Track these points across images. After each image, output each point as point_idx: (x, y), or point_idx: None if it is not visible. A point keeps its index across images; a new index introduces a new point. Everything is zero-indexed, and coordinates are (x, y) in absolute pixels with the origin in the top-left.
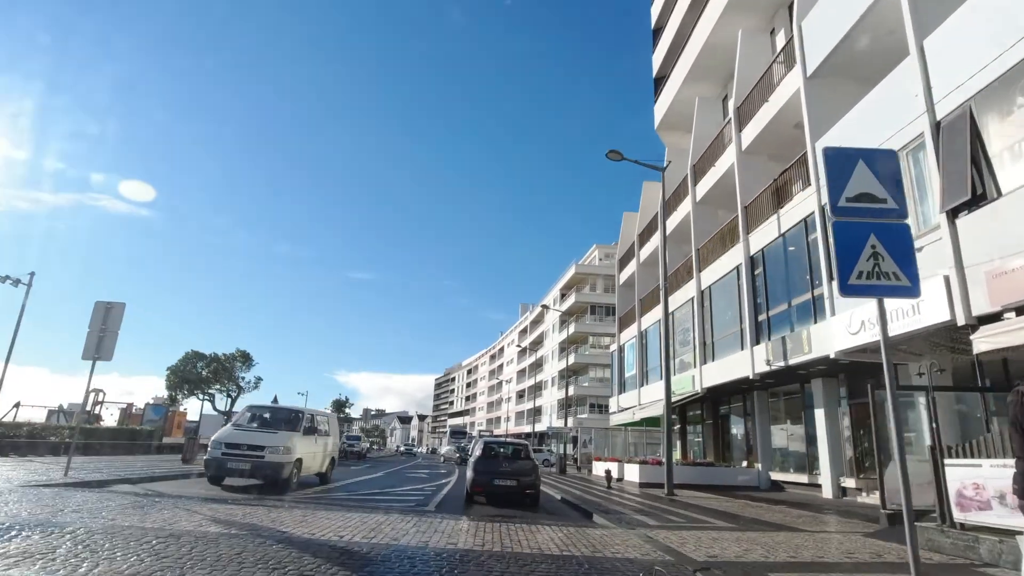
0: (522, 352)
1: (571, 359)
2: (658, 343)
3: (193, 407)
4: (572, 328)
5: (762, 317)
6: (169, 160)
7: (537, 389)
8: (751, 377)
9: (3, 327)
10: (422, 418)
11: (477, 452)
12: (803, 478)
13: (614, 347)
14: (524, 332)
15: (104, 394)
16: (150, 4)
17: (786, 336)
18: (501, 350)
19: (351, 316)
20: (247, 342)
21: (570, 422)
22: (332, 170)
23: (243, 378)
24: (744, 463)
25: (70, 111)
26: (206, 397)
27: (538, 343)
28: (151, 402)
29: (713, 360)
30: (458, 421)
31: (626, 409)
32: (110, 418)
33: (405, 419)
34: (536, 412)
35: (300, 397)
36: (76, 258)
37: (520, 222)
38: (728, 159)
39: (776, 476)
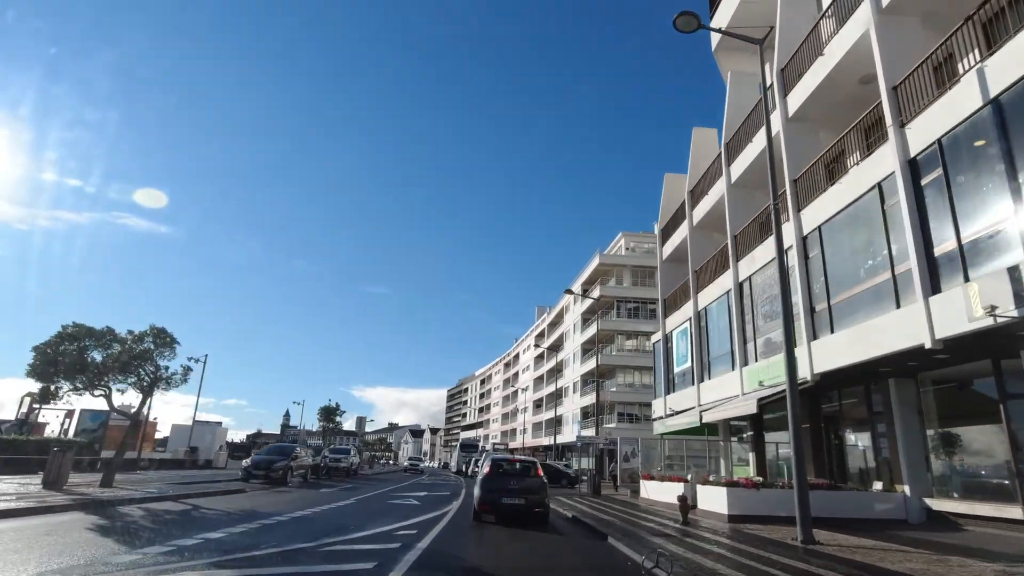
0: (539, 358)
1: (595, 361)
2: (727, 321)
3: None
4: (597, 325)
5: (946, 247)
6: (181, 181)
7: (556, 397)
8: (928, 346)
9: None
10: (434, 431)
11: (485, 469)
12: (1003, 510)
13: (657, 338)
14: (541, 336)
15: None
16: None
17: (1020, 265)
18: (516, 357)
19: (367, 331)
20: (263, 356)
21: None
22: (344, 183)
23: (166, 368)
24: (877, 485)
25: (73, 108)
26: (101, 391)
27: (557, 347)
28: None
29: (831, 332)
30: (471, 434)
31: (678, 412)
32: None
33: (417, 432)
34: (556, 422)
35: (296, 407)
36: (98, 274)
37: (535, 231)
38: (848, 38)
39: (939, 505)
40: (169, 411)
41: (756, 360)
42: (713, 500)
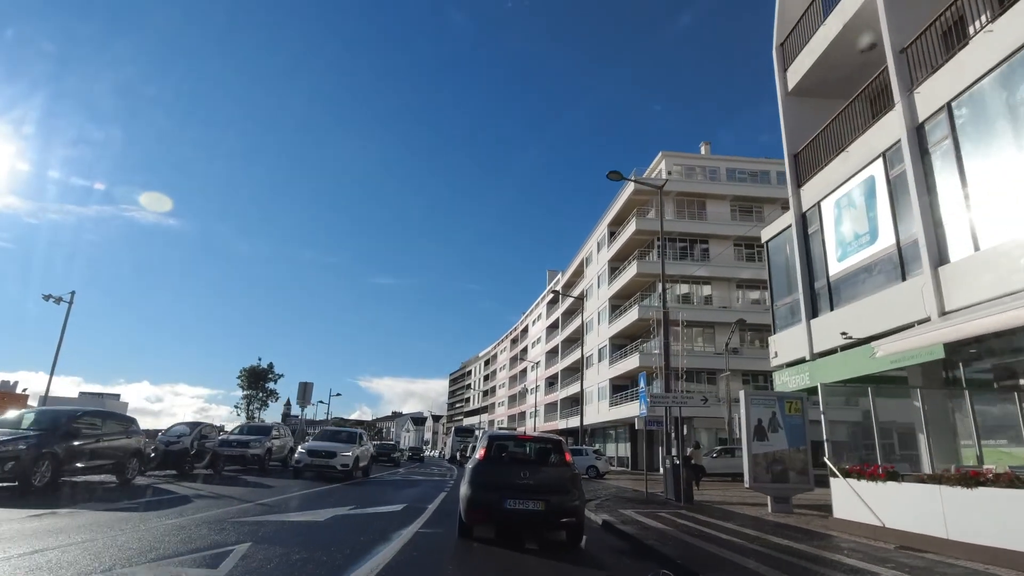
0: (552, 327)
1: (634, 313)
2: None
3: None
4: (635, 268)
5: None
6: (184, 172)
7: (576, 371)
8: None
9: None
10: (436, 419)
11: (478, 454)
12: None
13: (776, 230)
14: (555, 302)
15: None
16: (150, 10)
17: None
18: (524, 330)
19: (374, 322)
20: (270, 346)
21: (624, 409)
22: (350, 174)
23: None
24: None
25: (75, 120)
26: None
27: (574, 311)
28: None
29: None
30: (474, 420)
31: (866, 340)
32: None
33: (419, 420)
34: (576, 400)
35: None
36: (110, 268)
37: (539, 215)
38: None
39: None
40: (180, 402)
41: None
42: None
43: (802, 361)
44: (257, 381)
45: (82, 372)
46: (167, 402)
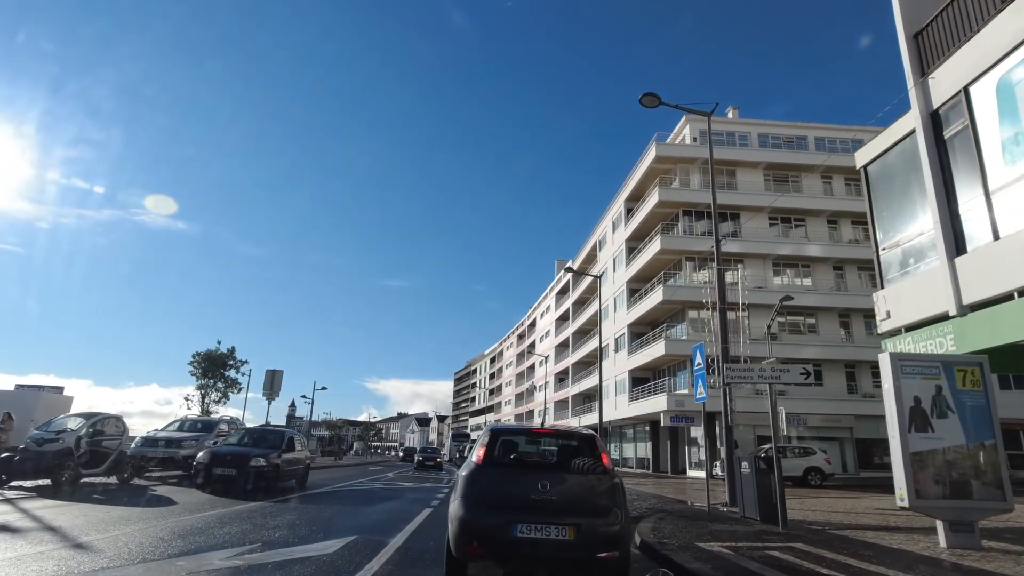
0: (562, 319)
1: (658, 295)
2: None
3: None
4: (658, 244)
5: None
6: (188, 173)
7: (587, 364)
8: None
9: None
10: (441, 419)
11: (474, 457)
12: None
13: (876, 149)
14: (564, 292)
15: None
16: (152, 10)
17: None
18: (532, 324)
19: (381, 324)
20: (278, 350)
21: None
22: (352, 175)
23: None
24: None
25: (77, 121)
26: None
27: (586, 300)
28: None
29: None
30: (480, 420)
31: None
32: None
33: (424, 421)
34: (588, 397)
35: (301, 398)
36: (118, 272)
37: (544, 215)
38: None
39: None
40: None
41: None
42: None
43: (942, 318)
44: (215, 369)
45: (92, 375)
46: (176, 404)
